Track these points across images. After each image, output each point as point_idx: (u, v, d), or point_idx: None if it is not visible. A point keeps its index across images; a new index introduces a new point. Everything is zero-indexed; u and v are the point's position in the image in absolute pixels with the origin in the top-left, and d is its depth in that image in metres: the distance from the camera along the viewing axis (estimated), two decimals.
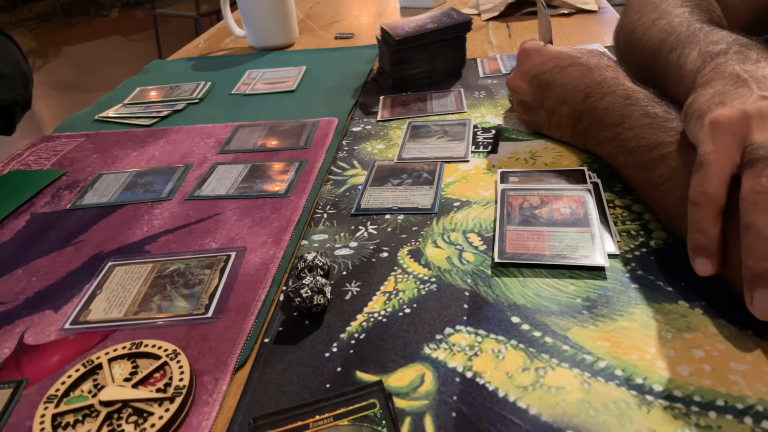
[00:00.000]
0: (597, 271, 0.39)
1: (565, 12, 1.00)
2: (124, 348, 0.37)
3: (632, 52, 0.58)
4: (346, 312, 0.39)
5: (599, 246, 0.41)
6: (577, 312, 0.36)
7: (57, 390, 0.34)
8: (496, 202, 0.48)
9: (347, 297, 0.40)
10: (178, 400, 0.33)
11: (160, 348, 0.36)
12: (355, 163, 0.59)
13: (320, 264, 0.42)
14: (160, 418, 0.32)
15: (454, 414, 0.31)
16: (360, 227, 0.48)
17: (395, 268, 0.42)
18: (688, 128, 0.39)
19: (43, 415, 0.33)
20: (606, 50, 0.73)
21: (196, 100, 0.80)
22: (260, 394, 0.34)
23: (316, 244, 0.46)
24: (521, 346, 0.34)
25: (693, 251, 0.36)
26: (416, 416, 0.31)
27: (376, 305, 0.39)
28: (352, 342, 0.36)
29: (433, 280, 0.41)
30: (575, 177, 0.49)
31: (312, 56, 0.94)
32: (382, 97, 0.74)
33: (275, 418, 0.31)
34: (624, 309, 0.36)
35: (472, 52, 0.85)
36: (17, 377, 0.37)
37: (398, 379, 0.33)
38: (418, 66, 0.75)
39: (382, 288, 0.41)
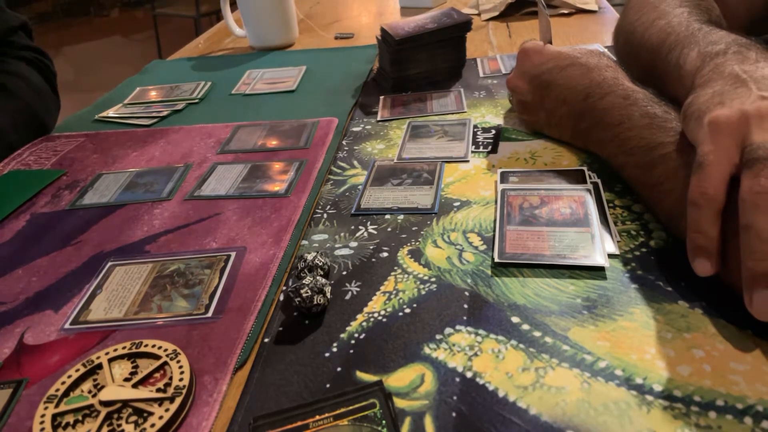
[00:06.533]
0: (597, 271, 0.39)
1: (565, 12, 1.00)
2: (124, 348, 0.37)
3: (632, 52, 0.58)
4: (346, 312, 0.39)
5: (599, 246, 0.41)
6: (577, 312, 0.36)
7: (57, 390, 0.34)
8: (496, 202, 0.48)
9: (347, 297, 0.40)
10: (178, 400, 0.33)
11: (160, 348, 0.36)
12: (355, 163, 0.59)
13: (320, 264, 0.42)
14: (160, 418, 0.32)
15: (454, 414, 0.31)
16: (360, 227, 0.48)
17: (395, 268, 0.42)
18: (687, 128, 0.39)
19: (43, 415, 0.33)
20: (606, 50, 0.73)
21: (196, 100, 0.80)
22: (260, 394, 0.34)
23: (316, 244, 0.46)
24: (521, 346, 0.34)
25: (692, 251, 0.36)
26: (416, 416, 0.31)
27: (376, 305, 0.39)
28: (352, 342, 0.36)
29: (433, 280, 0.41)
30: (575, 177, 0.49)
31: (312, 56, 0.94)
32: (382, 97, 0.74)
33: (275, 418, 0.31)
34: (624, 309, 0.36)
35: (472, 52, 0.85)
36: (17, 377, 0.37)
37: (398, 379, 0.33)
38: (418, 66, 0.75)
39: (382, 288, 0.41)
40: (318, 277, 0.39)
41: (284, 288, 0.42)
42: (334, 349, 0.36)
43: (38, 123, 0.76)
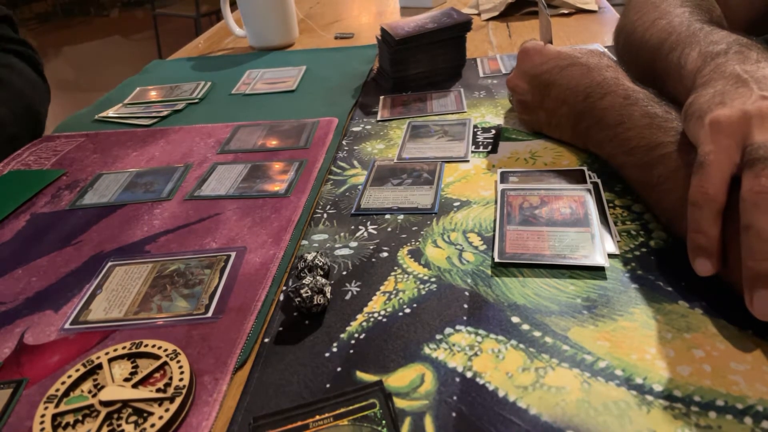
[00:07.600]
0: (597, 271, 0.39)
1: (565, 12, 1.00)
2: (124, 348, 0.37)
3: (632, 52, 0.58)
4: (346, 312, 0.39)
5: (599, 246, 0.41)
6: (577, 312, 0.36)
7: (57, 390, 0.34)
8: (496, 202, 0.48)
9: (347, 297, 0.40)
10: (178, 400, 0.33)
11: (160, 348, 0.36)
12: (355, 163, 0.59)
13: (320, 264, 0.42)
14: (160, 418, 0.32)
15: (454, 414, 0.31)
16: (360, 227, 0.48)
17: (395, 268, 0.42)
18: (688, 128, 0.39)
19: (43, 415, 0.33)
20: (606, 50, 0.73)
21: (196, 100, 0.80)
22: (260, 394, 0.34)
23: (316, 244, 0.46)
24: (521, 346, 0.34)
25: (693, 251, 0.36)
26: (416, 416, 0.31)
27: (376, 305, 0.39)
28: (352, 342, 0.36)
29: (433, 280, 0.41)
30: (575, 177, 0.49)
31: (312, 56, 0.94)
32: (382, 97, 0.74)
33: (275, 418, 0.31)
34: (624, 309, 0.36)
35: (472, 52, 0.85)
36: (17, 377, 0.37)
37: (398, 379, 0.33)
38: (418, 66, 0.75)
39: (382, 288, 0.41)
40: (318, 277, 0.39)
41: (284, 288, 0.42)
42: (334, 349, 0.36)
43: (33, 113, 0.78)
